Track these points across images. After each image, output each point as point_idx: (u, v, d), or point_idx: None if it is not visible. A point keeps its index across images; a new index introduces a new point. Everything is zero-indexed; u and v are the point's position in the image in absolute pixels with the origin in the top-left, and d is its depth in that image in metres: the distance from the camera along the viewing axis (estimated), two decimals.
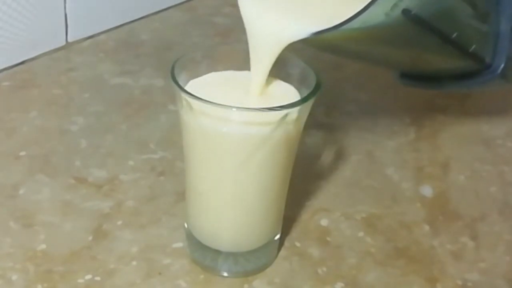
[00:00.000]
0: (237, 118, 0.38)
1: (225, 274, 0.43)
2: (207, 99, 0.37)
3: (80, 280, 0.42)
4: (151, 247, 0.45)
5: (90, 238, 0.45)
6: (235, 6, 0.40)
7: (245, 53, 0.41)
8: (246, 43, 0.41)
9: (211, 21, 0.76)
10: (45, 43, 0.66)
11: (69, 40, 0.68)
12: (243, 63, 0.42)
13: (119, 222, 0.47)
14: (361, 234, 0.48)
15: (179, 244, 0.45)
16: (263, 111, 0.37)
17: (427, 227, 0.49)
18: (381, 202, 0.51)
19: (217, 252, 0.43)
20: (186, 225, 0.45)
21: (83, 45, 0.69)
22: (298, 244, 0.46)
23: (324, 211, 0.49)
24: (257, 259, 0.44)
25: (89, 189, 0.50)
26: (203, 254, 0.44)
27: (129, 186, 0.50)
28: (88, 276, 0.43)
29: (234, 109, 0.37)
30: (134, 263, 0.44)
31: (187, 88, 0.40)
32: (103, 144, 0.55)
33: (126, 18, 0.73)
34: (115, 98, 0.61)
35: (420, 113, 0.63)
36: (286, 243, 0.46)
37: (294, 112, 0.38)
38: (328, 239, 0.47)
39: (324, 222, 0.48)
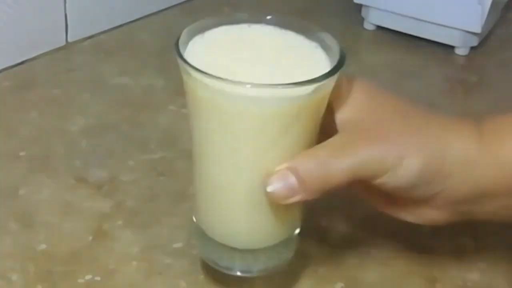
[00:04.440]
0: (257, 96, 0.34)
1: (241, 273, 0.41)
2: (220, 76, 0.33)
3: (80, 280, 0.42)
4: (151, 247, 0.45)
5: (90, 238, 0.45)
6: (235, 6, 0.40)
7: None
8: None
9: None
10: (45, 43, 0.66)
11: (69, 40, 0.68)
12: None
13: (119, 222, 0.47)
14: (361, 234, 0.48)
15: (179, 244, 0.45)
16: (288, 87, 0.33)
17: (427, 227, 0.48)
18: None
19: (234, 250, 0.40)
20: (195, 220, 0.42)
21: (83, 45, 0.69)
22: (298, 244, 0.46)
23: (324, 211, 0.49)
24: (278, 254, 0.41)
25: (89, 189, 0.50)
26: (218, 253, 0.41)
27: (129, 186, 0.50)
28: (88, 276, 0.43)
29: (268, 88, 0.33)
30: (134, 263, 0.44)
31: (189, 48, 0.37)
32: (103, 144, 0.55)
33: (126, 18, 0.73)
34: (115, 98, 0.61)
35: None
36: None
37: (322, 86, 0.35)
38: (329, 238, 0.47)
39: (324, 222, 0.48)
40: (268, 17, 0.39)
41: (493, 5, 0.70)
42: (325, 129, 0.39)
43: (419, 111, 0.40)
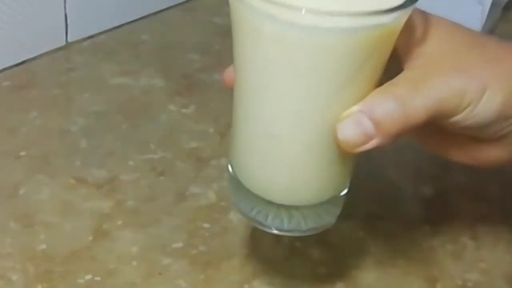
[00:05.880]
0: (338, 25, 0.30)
1: (278, 231, 0.37)
2: (290, 3, 0.29)
3: (80, 280, 0.42)
4: (151, 247, 0.45)
5: (90, 238, 0.45)
6: None
7: None
8: None
9: (211, 21, 0.76)
10: (45, 43, 0.66)
11: (69, 40, 0.68)
12: None
13: (119, 222, 0.47)
14: (361, 234, 0.48)
15: (179, 244, 0.45)
16: (370, 14, 0.30)
17: (427, 227, 0.48)
18: (381, 202, 0.51)
19: (271, 204, 0.36)
20: (231, 170, 0.38)
21: (83, 45, 0.69)
22: (298, 244, 0.46)
23: None
24: (317, 216, 0.37)
25: (89, 189, 0.50)
26: (258, 209, 0.37)
27: (129, 186, 0.50)
28: (88, 276, 0.43)
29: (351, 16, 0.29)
30: (134, 263, 0.44)
31: None
32: (103, 144, 0.55)
33: (126, 18, 0.73)
34: (115, 98, 0.61)
35: None
36: (286, 243, 0.46)
37: (402, 15, 0.31)
38: (328, 239, 0.47)
39: None
40: None
41: (493, 5, 0.70)
42: (389, 67, 0.34)
43: (498, 41, 0.37)
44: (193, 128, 0.58)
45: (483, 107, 0.34)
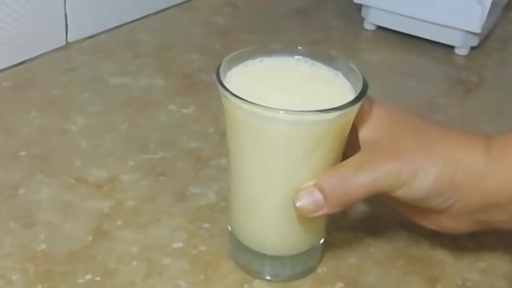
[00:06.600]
0: (290, 120, 0.38)
1: (270, 278, 0.44)
2: (256, 102, 0.37)
3: (80, 280, 0.42)
4: (151, 247, 0.45)
5: (90, 238, 0.45)
6: (235, 6, 0.40)
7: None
8: (250, 43, 0.41)
9: (211, 21, 0.77)
10: (45, 43, 0.66)
11: (69, 40, 0.68)
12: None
13: (119, 222, 0.47)
14: (361, 234, 0.48)
15: (179, 244, 0.45)
16: (314, 113, 0.38)
17: (426, 228, 0.48)
18: (381, 202, 0.51)
19: (264, 256, 0.43)
20: (230, 229, 0.45)
21: (83, 45, 0.69)
22: None
23: None
24: (304, 261, 0.44)
25: (89, 189, 0.50)
26: (250, 259, 0.44)
27: (129, 186, 0.50)
28: (88, 276, 0.43)
29: (310, 114, 0.37)
30: (134, 263, 0.44)
31: (228, 77, 0.41)
32: (103, 144, 0.55)
33: (126, 18, 0.73)
34: (115, 98, 0.61)
35: (420, 112, 0.63)
36: None
37: (346, 112, 0.39)
38: (328, 239, 0.47)
39: None
40: (299, 48, 0.43)
41: (493, 5, 0.70)
42: (352, 145, 0.42)
43: (433, 128, 0.43)
44: (193, 128, 0.58)
45: (417, 185, 0.40)
